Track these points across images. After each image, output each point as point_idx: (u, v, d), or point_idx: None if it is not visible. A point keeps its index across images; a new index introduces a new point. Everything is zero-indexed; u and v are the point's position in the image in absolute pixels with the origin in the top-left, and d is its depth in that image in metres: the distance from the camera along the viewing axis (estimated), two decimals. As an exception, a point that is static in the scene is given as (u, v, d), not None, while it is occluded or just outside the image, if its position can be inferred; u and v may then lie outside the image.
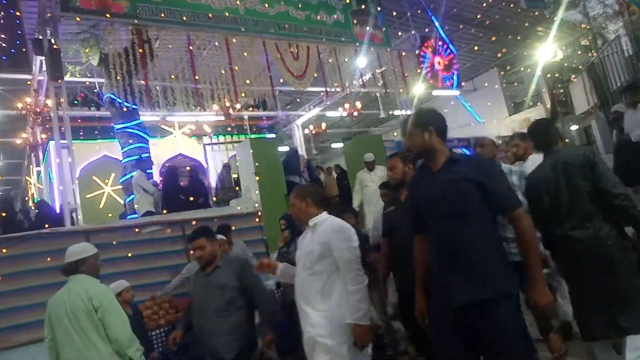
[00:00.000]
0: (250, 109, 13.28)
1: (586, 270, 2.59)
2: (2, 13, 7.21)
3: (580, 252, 2.60)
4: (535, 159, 3.33)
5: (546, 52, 12.50)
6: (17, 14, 7.76)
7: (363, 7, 9.56)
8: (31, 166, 12.62)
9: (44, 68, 7.54)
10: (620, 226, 2.61)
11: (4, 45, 6.96)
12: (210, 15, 7.65)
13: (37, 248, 4.90)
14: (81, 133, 10.18)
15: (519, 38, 12.68)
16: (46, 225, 5.49)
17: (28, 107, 8.93)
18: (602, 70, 10.12)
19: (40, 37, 7.05)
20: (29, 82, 8.99)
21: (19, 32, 7.75)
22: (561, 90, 12.91)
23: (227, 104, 9.92)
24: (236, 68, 8.15)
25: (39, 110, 8.90)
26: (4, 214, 6.85)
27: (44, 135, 10.26)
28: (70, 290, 2.79)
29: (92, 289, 2.76)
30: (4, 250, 4.76)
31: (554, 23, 12.44)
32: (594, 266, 2.56)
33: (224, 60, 8.01)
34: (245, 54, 8.30)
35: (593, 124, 9.94)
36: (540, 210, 2.77)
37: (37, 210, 7.68)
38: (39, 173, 11.99)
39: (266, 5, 8.28)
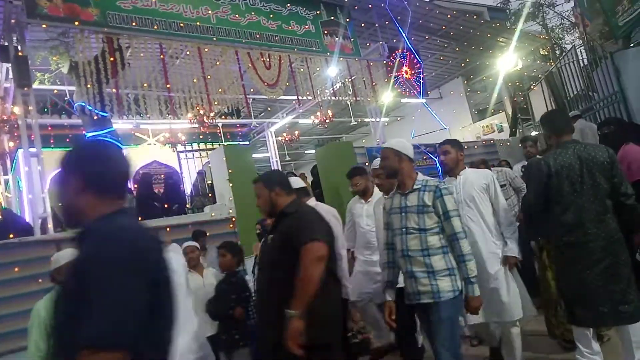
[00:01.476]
0: (224, 117, 13.34)
1: (599, 260, 2.73)
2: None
3: (596, 242, 2.73)
4: (467, 173, 3.44)
5: (507, 61, 13.07)
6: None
7: (333, 18, 9.82)
8: (-1, 175, 12.30)
9: (10, 75, 7.43)
10: (621, 224, 2.81)
11: (-34, 51, 6.80)
12: (181, 24, 7.69)
13: (4, 259, 4.81)
14: (52, 141, 10.02)
15: (481, 48, 13.21)
16: (11, 235, 5.41)
17: (-6, 115, 8.74)
18: (560, 78, 10.65)
19: (6, 44, 6.94)
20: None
21: (-18, 38, 7.57)
22: (522, 98, 13.49)
23: (201, 112, 9.97)
24: (209, 77, 8.24)
25: (5, 118, 8.71)
26: None
27: (12, 144, 10.04)
28: None
29: None
30: None
31: (514, 34, 13.03)
32: (606, 256, 2.72)
33: (196, 69, 8.07)
34: (218, 63, 8.40)
35: (571, 115, 10.43)
36: (552, 192, 2.84)
37: (1, 220, 7.52)
38: (6, 182, 11.70)
39: (237, 15, 8.41)
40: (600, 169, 2.77)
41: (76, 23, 6.77)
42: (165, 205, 6.93)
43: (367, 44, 11.18)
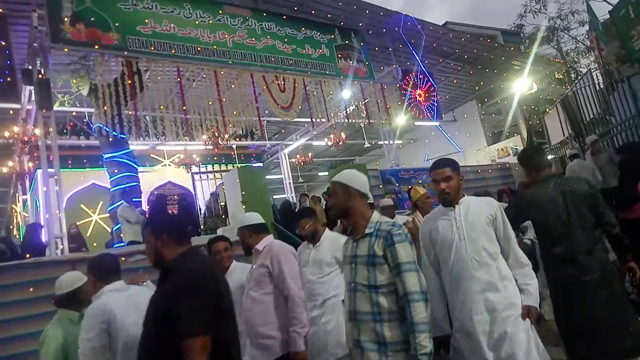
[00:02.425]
0: (238, 138, 13.49)
1: (596, 292, 2.70)
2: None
3: (592, 274, 2.71)
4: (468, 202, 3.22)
5: (522, 85, 13.04)
6: (4, 44, 7.88)
7: (347, 42, 9.94)
8: (17, 194, 12.54)
9: (33, 97, 7.64)
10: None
11: (-8, 75, 7.05)
12: (199, 48, 7.85)
13: (19, 279, 4.79)
14: (70, 162, 10.22)
15: (495, 71, 13.22)
16: (27, 255, 5.45)
17: (15, 135, 8.96)
18: (576, 102, 10.56)
19: (30, 68, 7.15)
20: (11, 112, 9.02)
21: (8, 62, 7.85)
22: (537, 121, 13.39)
23: (216, 134, 10.10)
24: (224, 99, 8.36)
25: (26, 139, 8.93)
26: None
27: (31, 164, 10.26)
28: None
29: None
30: None
31: (529, 57, 13.02)
32: (603, 288, 2.70)
33: (212, 92, 8.20)
34: (233, 86, 8.53)
35: (568, 153, 10.31)
36: (541, 227, 2.89)
37: (24, 238, 7.61)
38: (25, 201, 11.91)
39: (253, 39, 8.57)
40: (583, 201, 2.80)
41: (97, 47, 6.97)
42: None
43: (381, 67, 11.27)
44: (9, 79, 7.50)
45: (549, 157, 11.37)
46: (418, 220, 4.37)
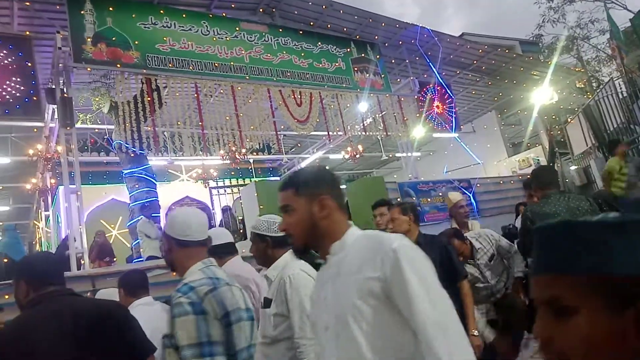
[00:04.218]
0: (255, 153, 13.56)
1: None
2: (16, 65, 7.53)
3: None
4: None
5: (542, 95, 12.83)
6: (30, 65, 8.13)
7: (363, 55, 9.96)
8: (40, 210, 12.79)
9: (56, 116, 7.81)
10: None
11: (18, 95, 7.23)
12: (216, 64, 7.95)
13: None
14: (90, 177, 10.41)
15: (515, 82, 13.06)
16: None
17: (39, 153, 9.17)
18: (599, 111, 10.35)
19: (53, 87, 7.33)
20: (35, 130, 9.25)
21: (33, 82, 8.07)
22: (559, 132, 13.14)
23: (233, 149, 10.17)
24: (241, 114, 8.42)
25: (49, 156, 9.12)
26: (5, 260, 6.89)
27: (53, 180, 10.47)
28: None
29: None
30: (6, 297, 4.62)
31: (548, 67, 12.83)
32: None
33: (229, 107, 8.28)
34: (250, 101, 8.59)
35: (592, 163, 10.07)
36: None
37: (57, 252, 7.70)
38: (47, 217, 12.15)
39: (270, 54, 8.65)
40: (587, 215, 2.75)
41: (118, 65, 7.13)
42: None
43: (398, 80, 11.23)
44: (34, 98, 7.71)
45: (572, 167, 11.11)
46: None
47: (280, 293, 1.95)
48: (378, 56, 10.17)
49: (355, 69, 9.72)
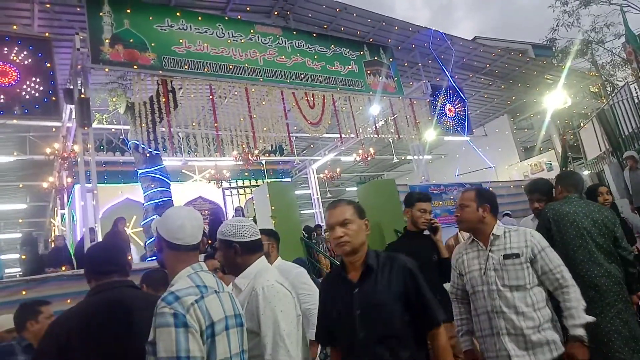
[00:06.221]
0: (268, 154, 13.66)
1: (612, 304, 2.75)
2: (35, 66, 7.69)
3: (608, 281, 2.77)
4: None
5: (555, 99, 12.74)
6: (49, 66, 8.29)
7: (376, 58, 10.00)
8: (56, 209, 13.01)
9: (74, 116, 7.96)
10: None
11: (37, 95, 7.39)
12: (230, 66, 8.06)
13: (57, 290, 4.92)
14: (105, 177, 10.56)
15: (528, 86, 12.99)
16: (63, 268, 5.61)
17: (56, 152, 9.34)
18: (613, 116, 10.25)
19: (72, 87, 7.46)
20: (54, 129, 9.42)
21: (52, 82, 8.25)
22: (572, 136, 13.03)
23: (246, 150, 10.26)
24: (255, 116, 8.51)
25: (66, 156, 9.28)
26: (24, 257, 7.03)
27: (69, 179, 10.65)
28: None
29: None
30: (24, 292, 4.79)
31: (562, 71, 12.75)
32: (619, 299, 2.76)
33: (243, 108, 8.36)
34: (264, 102, 8.67)
35: (606, 168, 9.97)
36: (557, 239, 2.90)
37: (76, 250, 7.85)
38: (62, 215, 12.35)
39: (284, 57, 8.73)
40: (604, 223, 2.88)
41: (135, 67, 7.24)
42: (209, 242, 7.03)
43: (410, 83, 11.26)
44: (53, 98, 7.88)
45: (585, 172, 11.02)
46: (462, 237, 3.86)
47: (251, 305, 1.82)
48: (391, 59, 10.21)
49: (368, 71, 9.77)
